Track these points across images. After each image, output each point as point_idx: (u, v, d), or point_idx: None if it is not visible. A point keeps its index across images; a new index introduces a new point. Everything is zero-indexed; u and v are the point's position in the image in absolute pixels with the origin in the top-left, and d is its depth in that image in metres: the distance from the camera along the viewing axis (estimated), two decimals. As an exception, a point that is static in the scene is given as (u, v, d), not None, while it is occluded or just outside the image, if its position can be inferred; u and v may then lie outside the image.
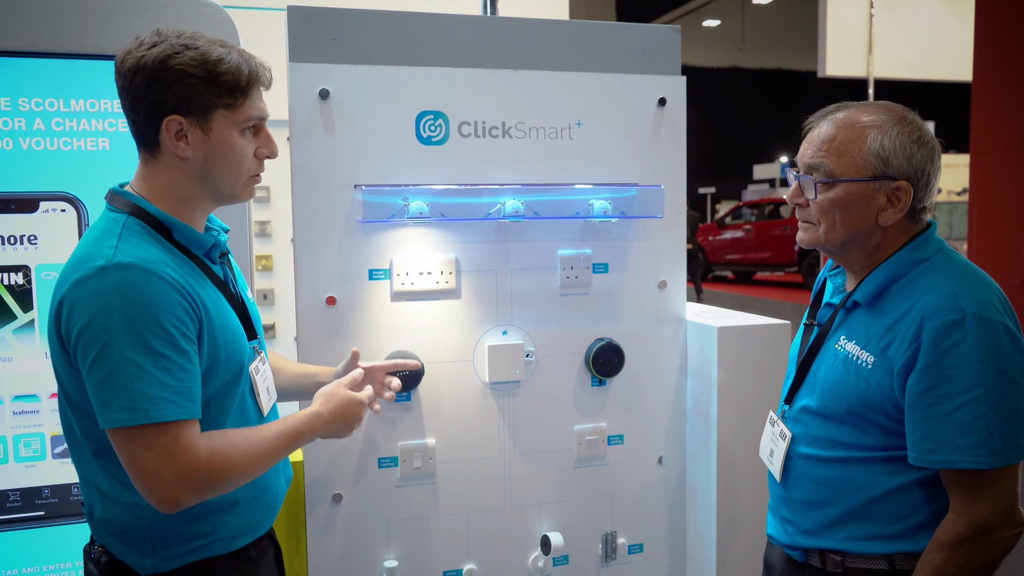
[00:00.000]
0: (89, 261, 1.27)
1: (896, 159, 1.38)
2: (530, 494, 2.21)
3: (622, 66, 2.21)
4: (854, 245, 1.45)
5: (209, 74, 1.33)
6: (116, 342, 1.22)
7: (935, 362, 1.30)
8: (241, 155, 1.41)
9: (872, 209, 1.40)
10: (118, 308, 1.23)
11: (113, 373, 1.22)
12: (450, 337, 2.11)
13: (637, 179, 2.21)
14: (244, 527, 1.46)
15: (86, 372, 1.25)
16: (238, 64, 1.36)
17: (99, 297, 1.24)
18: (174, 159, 1.37)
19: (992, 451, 1.28)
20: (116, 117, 2.01)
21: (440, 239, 2.08)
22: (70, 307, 1.26)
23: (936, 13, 12.22)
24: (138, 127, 1.36)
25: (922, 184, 1.40)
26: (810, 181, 1.43)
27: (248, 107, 1.40)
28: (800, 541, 1.50)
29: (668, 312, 2.28)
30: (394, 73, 2.01)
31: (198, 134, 1.36)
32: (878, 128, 1.39)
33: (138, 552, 1.36)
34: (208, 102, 1.35)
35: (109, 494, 1.35)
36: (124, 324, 1.23)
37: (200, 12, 2.02)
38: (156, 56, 1.31)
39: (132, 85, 1.32)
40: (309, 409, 1.52)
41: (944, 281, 1.35)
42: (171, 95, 1.32)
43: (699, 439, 2.28)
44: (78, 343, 1.25)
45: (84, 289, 1.25)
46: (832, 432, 1.45)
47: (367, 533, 2.08)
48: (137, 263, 1.26)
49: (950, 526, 1.32)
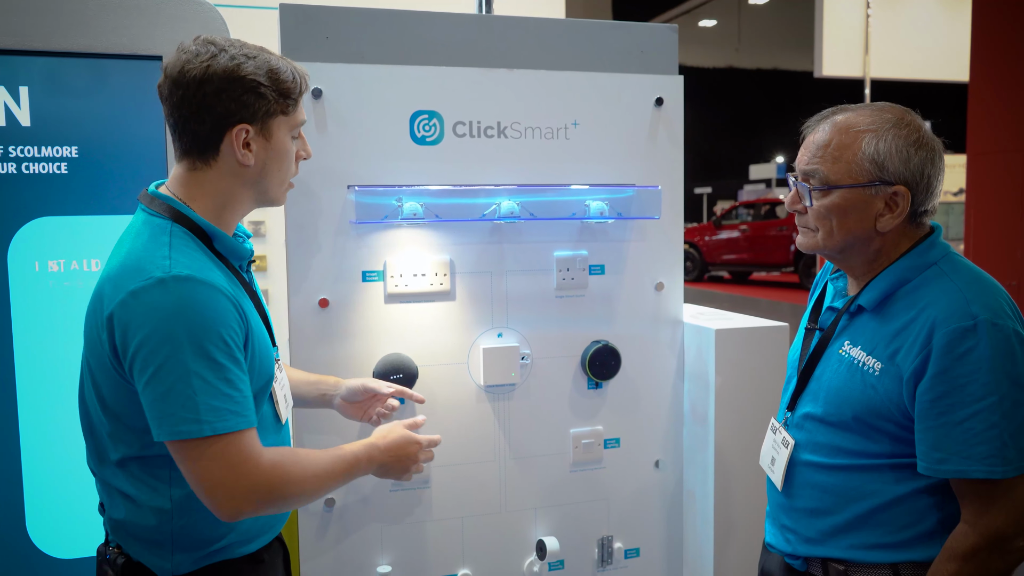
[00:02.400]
0: (143, 271, 1.27)
1: (892, 163, 1.35)
2: (526, 498, 2.19)
3: (619, 65, 2.19)
4: (854, 250, 1.43)
5: (273, 82, 1.37)
6: (179, 355, 1.24)
7: (947, 369, 1.27)
8: (291, 159, 1.46)
9: (870, 215, 1.38)
10: (180, 321, 1.24)
11: (176, 386, 1.23)
12: (445, 339, 2.08)
13: (634, 180, 2.19)
14: (258, 531, 1.47)
15: (144, 384, 1.26)
16: (292, 72, 1.40)
17: (160, 310, 1.25)
18: (233, 166, 1.38)
19: (1006, 460, 1.26)
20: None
21: (434, 240, 2.06)
22: (127, 319, 1.26)
23: (933, 13, 12.24)
24: (199, 135, 1.35)
25: (922, 188, 1.37)
26: (807, 188, 1.42)
27: (299, 113, 1.45)
28: (801, 550, 1.48)
29: (665, 314, 2.26)
30: (388, 72, 1.99)
31: (261, 142, 1.39)
32: (873, 132, 1.36)
33: (158, 555, 1.37)
34: (271, 110, 1.38)
35: (136, 498, 1.36)
36: (187, 337, 1.24)
37: (192, 10, 2.00)
38: (225, 66, 1.32)
39: (199, 94, 1.32)
40: (366, 440, 1.55)
41: (954, 287, 1.33)
42: (241, 104, 1.34)
43: (696, 443, 2.26)
44: (136, 355, 1.25)
45: (142, 301, 1.25)
46: (837, 439, 1.42)
47: (360, 539, 2.05)
48: (194, 275, 1.28)
49: (963, 537, 1.29)
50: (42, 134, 1.96)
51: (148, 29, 1.98)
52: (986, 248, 6.28)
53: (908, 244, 1.41)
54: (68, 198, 2.00)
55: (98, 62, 1.98)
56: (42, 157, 1.97)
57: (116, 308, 1.27)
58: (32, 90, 1.95)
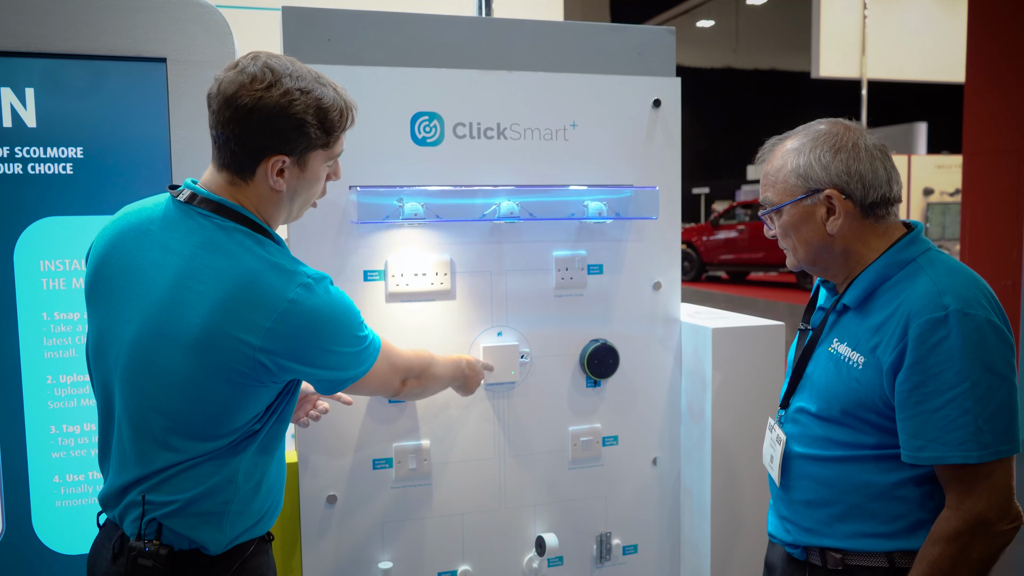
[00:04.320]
0: (293, 278, 1.37)
1: (812, 172, 1.46)
2: (525, 495, 2.21)
3: (617, 67, 2.21)
4: (822, 259, 1.52)
5: (320, 121, 1.41)
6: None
7: (921, 360, 1.32)
8: (321, 184, 1.52)
9: (817, 222, 1.48)
10: (341, 316, 1.42)
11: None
12: (445, 338, 2.11)
13: (632, 180, 2.22)
14: (276, 511, 1.55)
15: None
16: (341, 109, 1.45)
17: (327, 308, 1.40)
18: (266, 189, 1.43)
19: (982, 445, 1.30)
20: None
21: (435, 240, 2.08)
22: (291, 324, 1.36)
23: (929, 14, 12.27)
24: (237, 155, 1.40)
25: (854, 185, 1.45)
26: (767, 215, 1.56)
27: (338, 145, 1.49)
28: (800, 539, 1.52)
29: (663, 313, 2.29)
30: (389, 74, 2.01)
31: (296, 171, 1.44)
32: (796, 150, 1.49)
33: (217, 528, 1.41)
34: (311, 144, 1.42)
35: (211, 473, 1.40)
36: (345, 328, 1.45)
37: (195, 12, 2.02)
38: (276, 100, 1.36)
39: (246, 121, 1.36)
40: (463, 357, 1.98)
41: (929, 280, 1.38)
42: (283, 138, 1.38)
43: (693, 440, 2.28)
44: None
45: (305, 306, 1.36)
46: (829, 432, 1.47)
47: (362, 535, 2.07)
48: (324, 275, 1.43)
49: (946, 521, 1.33)
50: (47, 135, 1.98)
51: (152, 31, 2.00)
52: (982, 248, 6.31)
53: (883, 241, 1.47)
54: (73, 198, 2.01)
55: (102, 64, 2.00)
56: (47, 158, 1.99)
57: (279, 316, 1.34)
58: (38, 91, 1.97)
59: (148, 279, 1.38)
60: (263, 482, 1.48)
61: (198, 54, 2.01)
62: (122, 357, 1.40)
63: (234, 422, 1.39)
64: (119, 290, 1.41)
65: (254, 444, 1.44)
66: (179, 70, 2.01)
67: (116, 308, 1.41)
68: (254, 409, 1.40)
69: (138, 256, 1.40)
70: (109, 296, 1.42)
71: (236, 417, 1.39)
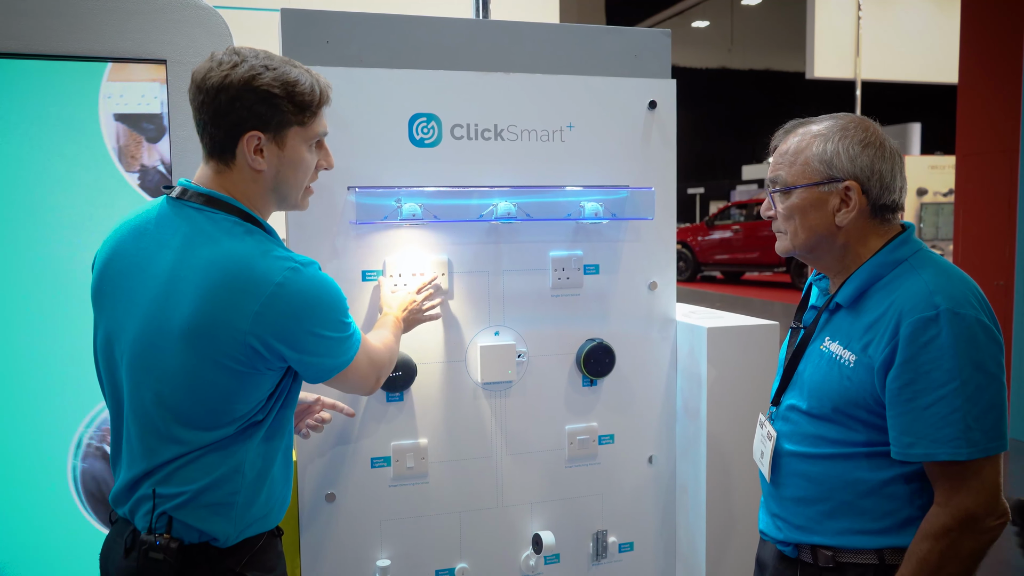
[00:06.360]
0: (281, 263, 1.39)
1: (839, 161, 1.46)
2: (522, 493, 2.23)
3: (613, 69, 2.23)
4: (821, 248, 1.52)
5: (288, 94, 1.43)
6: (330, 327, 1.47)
7: (912, 358, 1.34)
8: (307, 167, 1.53)
9: (828, 211, 1.48)
10: (328, 300, 1.44)
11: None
12: (442, 338, 2.12)
13: (628, 181, 2.24)
14: (283, 504, 1.56)
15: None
16: (312, 85, 1.46)
17: (314, 290, 1.42)
18: (249, 171, 1.45)
19: (971, 443, 1.32)
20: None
21: (433, 240, 2.10)
22: (279, 306, 1.38)
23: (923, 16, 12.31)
24: (216, 138, 1.43)
25: (874, 183, 1.46)
26: (775, 193, 1.55)
27: (317, 124, 1.50)
28: (791, 537, 1.53)
29: (658, 313, 2.31)
30: (387, 76, 2.02)
31: (273, 149, 1.45)
32: (823, 136, 1.48)
33: (227, 519, 1.43)
34: (285, 120, 1.44)
35: (220, 463, 1.42)
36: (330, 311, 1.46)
37: (195, 14, 2.03)
38: (241, 76, 1.39)
39: (215, 102, 1.40)
40: (389, 314, 1.89)
41: (921, 280, 1.40)
42: (253, 113, 1.41)
43: (689, 438, 2.30)
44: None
45: (292, 289, 1.38)
46: (820, 429, 1.48)
47: (360, 533, 2.09)
48: (312, 260, 1.45)
49: (935, 517, 1.35)
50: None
51: (151, 33, 2.01)
52: (975, 248, 6.35)
53: (880, 243, 1.49)
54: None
55: (101, 66, 2.02)
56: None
57: (267, 299, 1.36)
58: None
59: (147, 276, 1.41)
60: (270, 472, 1.49)
61: (198, 56, 2.02)
62: (126, 354, 1.42)
63: (236, 411, 1.41)
64: (121, 290, 1.43)
65: (259, 433, 1.46)
66: (179, 71, 2.02)
67: (120, 308, 1.43)
68: (255, 397, 1.43)
69: (137, 255, 1.43)
70: (113, 297, 1.45)
71: (237, 406, 1.41)
